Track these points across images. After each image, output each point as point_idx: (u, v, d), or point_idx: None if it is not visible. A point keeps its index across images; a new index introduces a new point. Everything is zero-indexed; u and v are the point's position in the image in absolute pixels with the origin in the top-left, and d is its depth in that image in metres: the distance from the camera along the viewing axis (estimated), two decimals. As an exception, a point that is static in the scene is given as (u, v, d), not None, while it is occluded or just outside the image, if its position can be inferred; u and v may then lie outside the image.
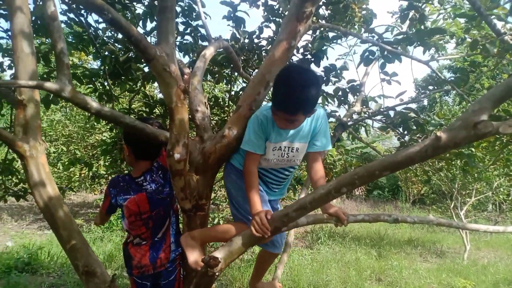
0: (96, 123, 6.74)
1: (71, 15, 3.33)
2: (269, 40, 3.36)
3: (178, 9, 3.53)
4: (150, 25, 3.51)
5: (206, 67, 2.25)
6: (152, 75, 3.53)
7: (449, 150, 1.46)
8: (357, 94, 2.94)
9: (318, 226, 9.21)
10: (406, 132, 2.60)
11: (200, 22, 3.48)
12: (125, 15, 3.48)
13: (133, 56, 3.38)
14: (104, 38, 3.54)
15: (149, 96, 4.08)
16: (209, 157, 1.90)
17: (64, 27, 3.41)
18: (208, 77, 3.75)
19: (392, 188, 16.58)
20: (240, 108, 1.94)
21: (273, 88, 1.71)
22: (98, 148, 5.37)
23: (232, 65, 3.05)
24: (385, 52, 2.49)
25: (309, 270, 5.66)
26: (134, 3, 3.50)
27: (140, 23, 3.46)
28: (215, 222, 7.51)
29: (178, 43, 3.61)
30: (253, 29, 3.36)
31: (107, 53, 3.36)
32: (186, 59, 4.04)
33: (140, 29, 3.48)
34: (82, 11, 3.30)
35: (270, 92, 1.93)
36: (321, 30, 2.91)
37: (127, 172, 2.42)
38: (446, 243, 8.64)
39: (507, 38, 2.46)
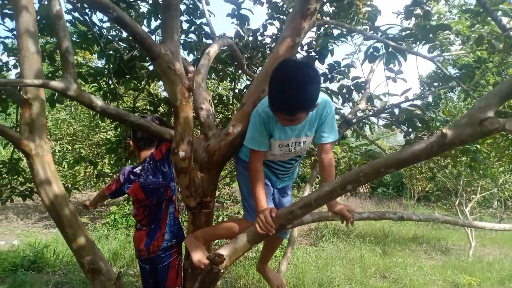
0: (101, 122, 6.76)
1: (76, 14, 3.34)
2: (273, 38, 3.35)
3: (183, 7, 3.53)
4: (155, 24, 3.52)
5: (210, 65, 2.25)
6: (157, 74, 3.53)
7: (455, 147, 1.45)
8: (362, 92, 2.93)
9: (323, 224, 9.21)
10: (411, 130, 2.59)
11: (204, 20, 3.48)
12: (130, 14, 3.49)
13: (138, 55, 3.39)
14: (109, 37, 3.55)
15: (154, 95, 4.09)
16: (214, 155, 1.90)
17: (69, 26, 3.42)
18: (212, 75, 3.76)
19: (397, 186, 16.55)
20: (245, 106, 1.94)
21: (269, 88, 1.62)
22: (103, 147, 5.38)
23: (236, 63, 3.05)
24: (390, 49, 2.48)
25: (314, 268, 5.66)
26: (139, 2, 3.51)
27: (145, 22, 3.47)
28: (220, 220, 7.54)
29: (183, 41, 3.61)
30: (257, 27, 3.36)
31: (112, 52, 3.37)
32: (191, 57, 4.05)
33: (145, 28, 3.48)
34: (87, 10, 3.31)
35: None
36: (326, 27, 2.91)
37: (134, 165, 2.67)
38: (451, 240, 8.61)
39: (513, 34, 2.44)
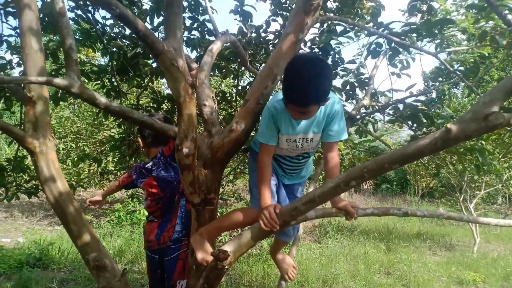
0: (104, 120, 6.77)
1: (79, 12, 3.34)
2: (276, 34, 3.34)
3: (185, 4, 3.52)
4: (157, 21, 3.51)
5: (214, 62, 2.25)
6: (160, 71, 3.54)
7: (460, 143, 1.45)
8: (366, 88, 2.92)
9: (326, 221, 9.21)
10: (416, 125, 2.57)
11: (207, 17, 3.48)
12: (133, 11, 3.48)
13: (141, 52, 3.39)
14: (112, 34, 3.55)
15: (157, 92, 4.09)
16: (217, 152, 1.90)
17: (72, 24, 3.42)
18: (215, 72, 3.75)
19: (401, 182, 16.51)
20: (248, 102, 1.93)
21: (283, 81, 1.66)
22: (107, 144, 5.40)
23: (239, 60, 3.04)
24: (393, 44, 2.47)
25: (318, 264, 5.66)
26: (141, -1, 3.51)
27: (148, 19, 3.47)
28: (224, 217, 7.56)
29: (185, 39, 3.61)
30: (260, 23, 3.35)
31: (115, 49, 3.37)
32: (193, 54, 4.04)
33: (148, 25, 3.47)
34: (90, 8, 3.31)
35: (280, 84, 1.91)
36: (329, 24, 2.89)
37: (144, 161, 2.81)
38: (455, 236, 8.59)
39: (518, 29, 2.42)
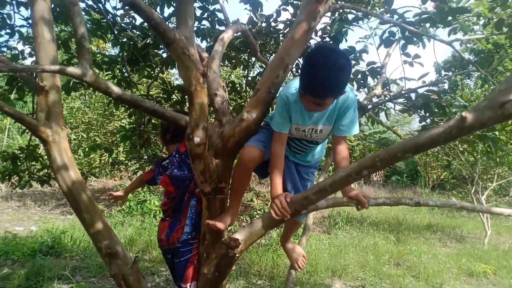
0: (115, 110, 6.81)
1: (89, 2, 3.36)
2: (287, 23, 3.31)
3: (196, -7, 3.51)
4: (168, 11, 3.50)
5: (224, 52, 2.24)
6: (170, 61, 3.54)
7: (475, 131, 1.43)
8: (378, 77, 2.88)
9: (336, 212, 9.21)
10: (428, 115, 2.54)
11: (218, 6, 3.46)
12: (144, 1, 3.47)
13: (151, 42, 3.40)
14: (122, 25, 3.56)
15: (167, 83, 4.10)
16: (228, 141, 1.90)
17: (83, 14, 3.44)
18: (225, 63, 3.74)
19: (411, 174, 16.40)
20: (259, 92, 1.92)
21: (301, 71, 1.65)
22: (118, 135, 5.43)
23: (250, 49, 3.03)
24: (406, 33, 2.43)
25: (327, 255, 5.68)
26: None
27: (158, 9, 3.46)
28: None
29: (195, 29, 3.59)
30: (271, 13, 3.32)
31: (126, 40, 3.38)
32: (204, 44, 4.03)
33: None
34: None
35: (290, 74, 1.90)
36: (340, 12, 2.86)
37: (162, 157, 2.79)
38: (466, 228, 8.54)
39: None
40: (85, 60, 1.58)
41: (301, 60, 2.53)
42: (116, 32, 3.41)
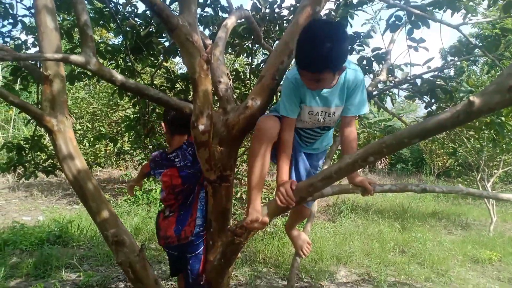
0: (120, 100, 6.81)
1: (92, -10, 3.33)
2: (291, 9, 3.28)
3: (199, -20, 3.47)
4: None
5: (227, 40, 2.21)
6: (173, 49, 3.51)
7: (482, 116, 1.41)
8: (383, 63, 2.85)
9: (340, 200, 9.22)
10: (434, 101, 2.52)
11: (221, -8, 3.42)
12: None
13: (154, 31, 3.37)
14: (125, 13, 3.53)
15: (171, 71, 4.08)
16: (233, 129, 1.89)
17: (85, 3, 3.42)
18: (229, 50, 3.71)
19: (416, 162, 16.37)
20: (263, 78, 1.91)
21: (296, 46, 1.60)
22: (122, 125, 5.44)
23: (253, 36, 3.00)
24: (413, 17, 2.39)
25: (332, 242, 5.69)
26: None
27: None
28: (238, 196, 7.65)
29: (198, 16, 3.56)
30: (275, -1, 3.28)
31: (128, 28, 3.35)
32: (207, 32, 3.99)
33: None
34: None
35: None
36: (345, -3, 2.82)
37: (164, 149, 2.56)
38: (472, 216, 8.52)
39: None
40: (89, 48, 1.57)
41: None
42: (119, 21, 3.39)
